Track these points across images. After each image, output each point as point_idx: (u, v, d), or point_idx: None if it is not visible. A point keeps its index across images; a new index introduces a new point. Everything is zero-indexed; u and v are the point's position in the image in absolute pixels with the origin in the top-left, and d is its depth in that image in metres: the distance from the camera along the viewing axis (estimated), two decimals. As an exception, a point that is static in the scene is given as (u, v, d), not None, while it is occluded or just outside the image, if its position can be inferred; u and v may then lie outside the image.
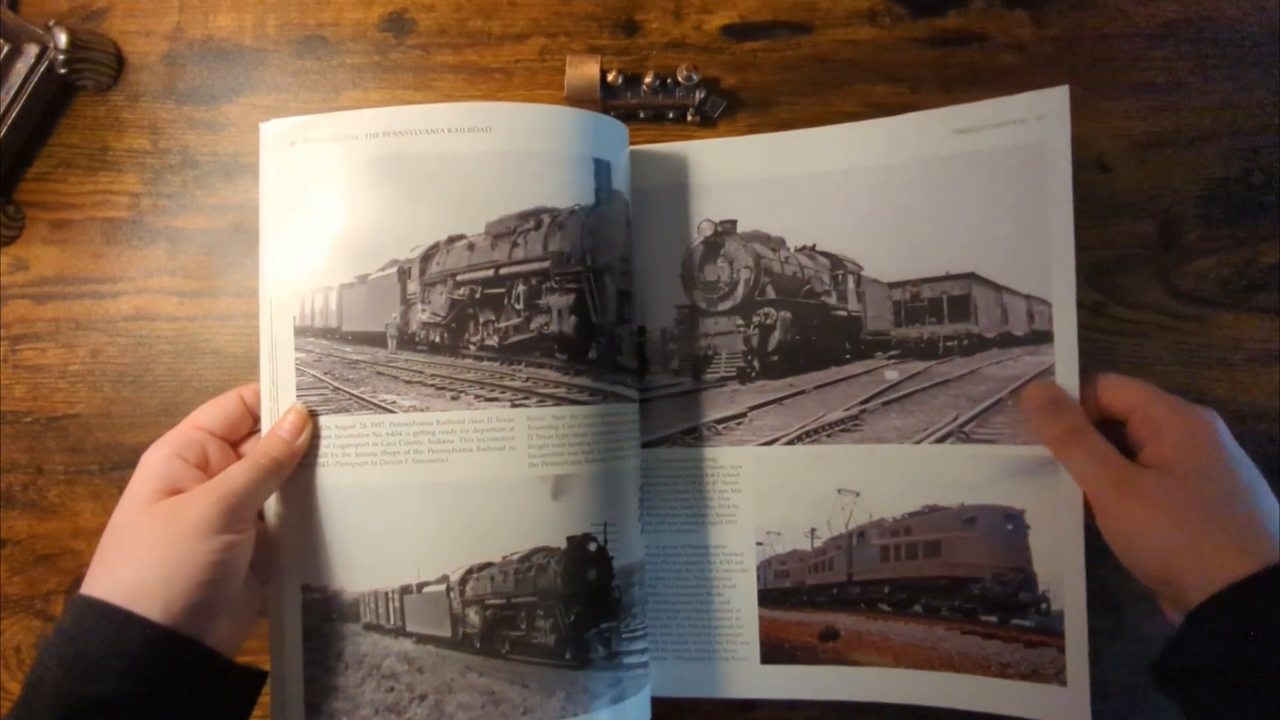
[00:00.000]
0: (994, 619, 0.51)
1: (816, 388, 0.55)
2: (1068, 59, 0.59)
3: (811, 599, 0.54)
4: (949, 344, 0.53)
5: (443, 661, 0.48)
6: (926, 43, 0.59)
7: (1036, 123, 0.50)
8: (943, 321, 0.53)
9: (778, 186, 0.55)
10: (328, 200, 0.49)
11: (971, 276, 0.52)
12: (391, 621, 0.48)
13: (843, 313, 0.55)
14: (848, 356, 0.54)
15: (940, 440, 0.52)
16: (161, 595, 0.41)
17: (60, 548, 0.59)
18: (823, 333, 0.55)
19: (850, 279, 0.55)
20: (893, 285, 0.54)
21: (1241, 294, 0.58)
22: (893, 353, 0.54)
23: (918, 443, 0.52)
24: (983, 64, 0.59)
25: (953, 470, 0.52)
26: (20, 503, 0.59)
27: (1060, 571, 0.49)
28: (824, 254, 0.55)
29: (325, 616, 0.48)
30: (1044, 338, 0.49)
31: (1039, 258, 0.50)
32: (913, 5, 0.60)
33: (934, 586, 0.52)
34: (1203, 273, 0.58)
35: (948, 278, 0.52)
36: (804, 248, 0.55)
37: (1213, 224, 0.58)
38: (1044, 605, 0.49)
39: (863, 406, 0.54)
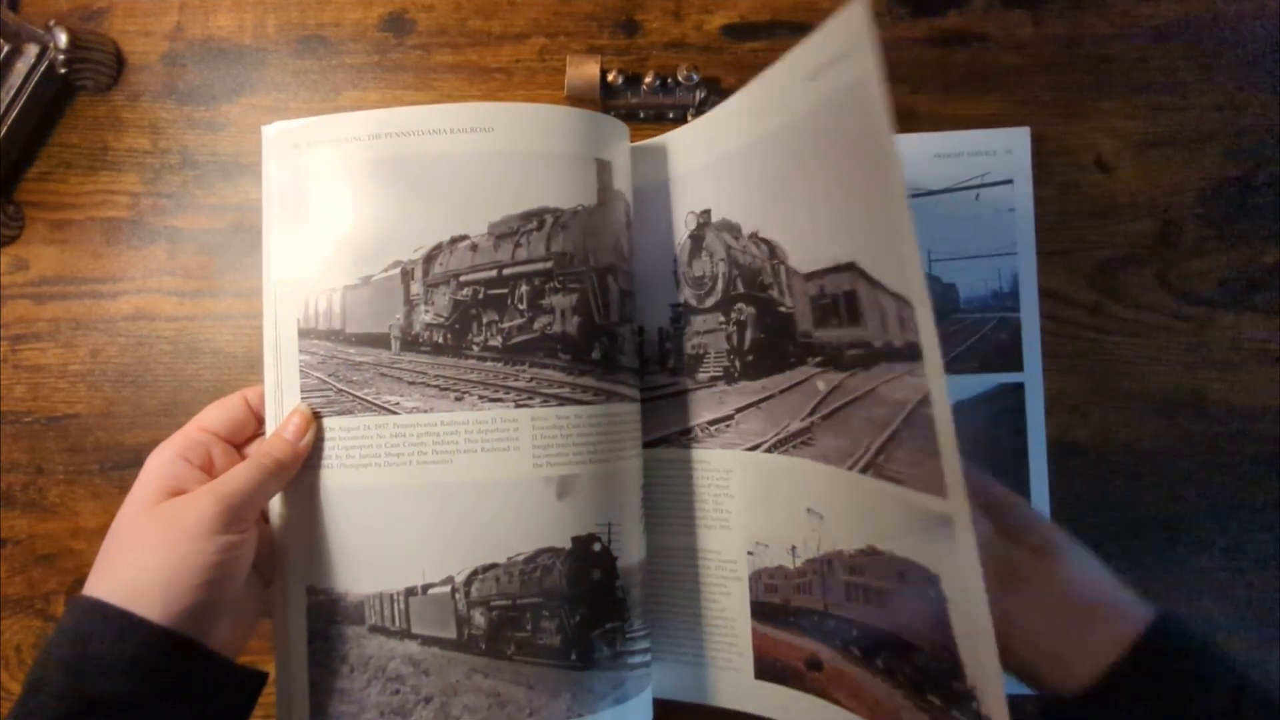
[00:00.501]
0: (938, 702, 0.40)
1: (781, 392, 0.49)
2: (1068, 59, 0.59)
3: (797, 621, 0.50)
4: (851, 354, 0.44)
5: (448, 663, 0.47)
6: (927, 43, 0.59)
7: (851, 56, 0.37)
8: (843, 324, 0.44)
9: (727, 164, 0.50)
10: (330, 202, 0.49)
11: (852, 268, 0.42)
12: (396, 624, 0.48)
13: (784, 308, 0.48)
14: (792, 360, 0.48)
15: (863, 470, 0.43)
16: (161, 596, 0.41)
17: (60, 548, 0.59)
18: (775, 331, 0.49)
19: (782, 269, 0.48)
20: (807, 277, 0.46)
21: (1241, 294, 0.58)
22: (818, 359, 0.46)
23: (850, 469, 0.44)
24: (983, 64, 0.59)
25: (879, 509, 0.43)
26: (20, 503, 0.59)
27: (983, 673, 0.37)
28: (764, 240, 0.48)
29: (330, 619, 0.48)
30: (918, 352, 0.37)
31: (890, 240, 0.37)
32: (913, 5, 0.60)
33: (891, 643, 0.44)
34: (1203, 273, 0.58)
35: (837, 269, 0.43)
36: (752, 234, 0.49)
37: (1213, 224, 0.58)
38: (975, 706, 0.38)
39: (810, 419, 0.47)
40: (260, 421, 0.49)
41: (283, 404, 0.48)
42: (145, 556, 0.42)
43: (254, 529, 0.45)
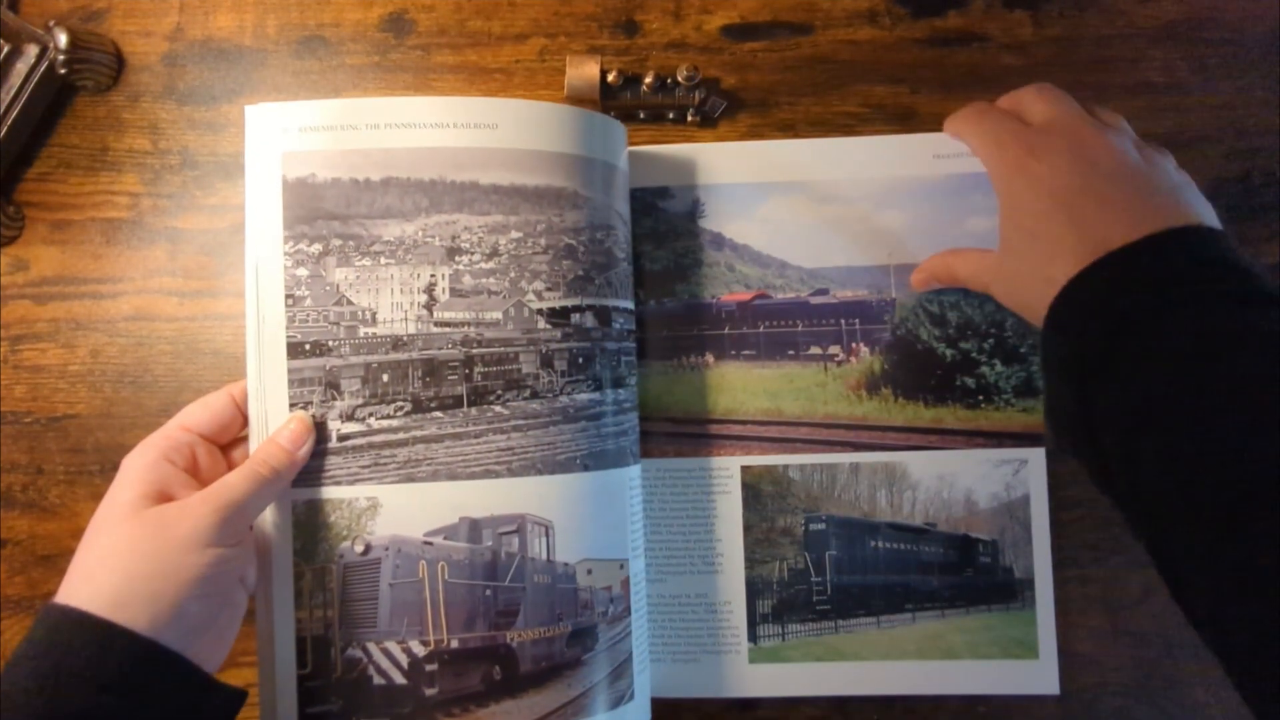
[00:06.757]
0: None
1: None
2: (1068, 59, 0.59)
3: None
4: None
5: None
6: (926, 43, 0.59)
7: None
8: None
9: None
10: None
11: None
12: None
13: None
14: None
15: None
16: (147, 608, 0.39)
17: (61, 548, 0.59)
18: None
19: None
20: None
21: (1241, 294, 0.58)
22: None
23: None
24: (983, 64, 0.59)
25: None
26: (21, 503, 0.59)
27: None
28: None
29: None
30: None
31: None
32: (913, 5, 0.60)
33: None
34: (1203, 273, 0.58)
35: None
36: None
37: (1213, 224, 0.58)
38: None
39: None
40: (246, 419, 0.48)
41: (265, 399, 0.47)
42: (130, 564, 0.40)
43: (247, 542, 0.43)
